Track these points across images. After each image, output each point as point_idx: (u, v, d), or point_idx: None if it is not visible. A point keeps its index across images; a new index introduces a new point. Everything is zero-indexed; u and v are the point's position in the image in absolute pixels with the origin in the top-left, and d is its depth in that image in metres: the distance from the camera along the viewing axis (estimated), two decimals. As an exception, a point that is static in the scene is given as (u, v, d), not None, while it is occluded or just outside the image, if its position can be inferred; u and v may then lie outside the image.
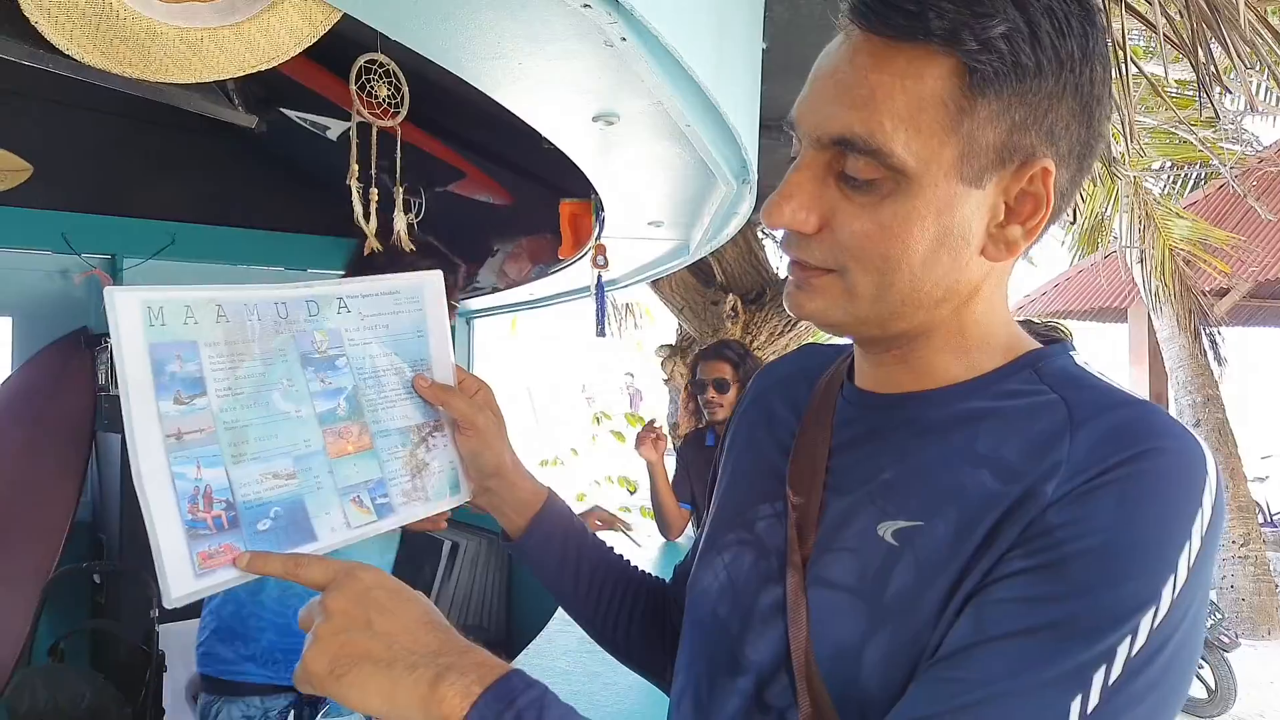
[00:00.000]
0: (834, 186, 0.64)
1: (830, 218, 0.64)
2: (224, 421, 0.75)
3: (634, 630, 0.98)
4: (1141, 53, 3.48)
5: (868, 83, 0.61)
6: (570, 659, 1.86)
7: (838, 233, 0.64)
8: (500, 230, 3.30)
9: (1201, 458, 0.59)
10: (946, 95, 0.60)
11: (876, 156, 0.61)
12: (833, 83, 0.63)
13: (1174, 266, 6.65)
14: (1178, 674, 0.56)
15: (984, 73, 0.59)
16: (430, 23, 1.06)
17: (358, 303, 0.86)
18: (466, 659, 0.64)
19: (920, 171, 0.61)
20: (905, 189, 0.61)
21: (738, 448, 0.88)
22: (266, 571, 0.73)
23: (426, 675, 0.63)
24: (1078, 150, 0.64)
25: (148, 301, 0.72)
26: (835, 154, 0.63)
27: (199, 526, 0.72)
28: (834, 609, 0.66)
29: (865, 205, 0.63)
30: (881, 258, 0.63)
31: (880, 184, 0.62)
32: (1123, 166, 2.21)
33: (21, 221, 3.43)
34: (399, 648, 0.64)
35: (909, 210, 0.62)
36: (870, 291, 0.65)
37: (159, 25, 0.93)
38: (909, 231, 0.62)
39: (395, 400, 0.88)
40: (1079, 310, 9.46)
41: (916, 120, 0.60)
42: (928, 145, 0.60)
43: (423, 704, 0.62)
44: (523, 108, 1.37)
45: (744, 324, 3.71)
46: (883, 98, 0.61)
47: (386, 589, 0.68)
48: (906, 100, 0.60)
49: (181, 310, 0.74)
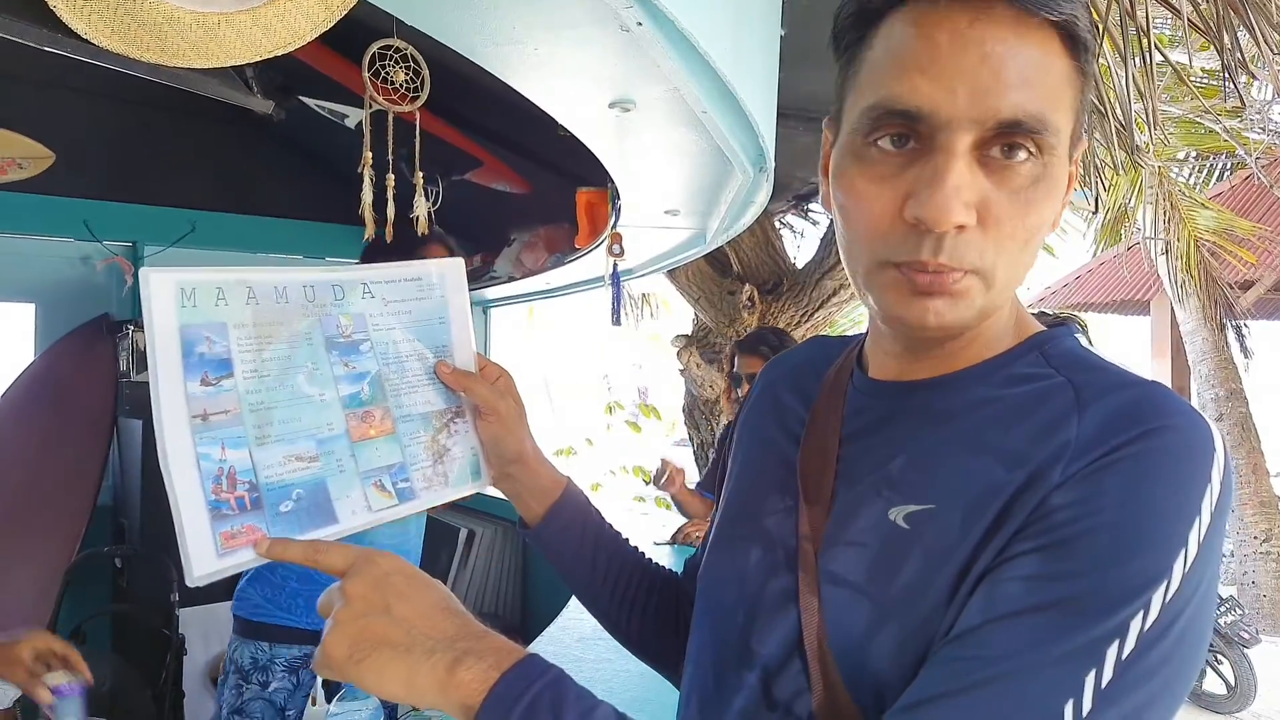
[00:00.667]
0: (981, 175, 0.60)
1: (983, 210, 0.60)
2: (249, 403, 0.76)
3: (647, 622, 0.98)
4: (1166, 40, 3.43)
5: (1021, 59, 0.58)
6: (584, 646, 1.87)
7: (990, 224, 0.61)
8: (517, 219, 3.30)
9: (1209, 434, 0.59)
10: (1071, 71, 0.60)
11: (1044, 135, 0.59)
12: (983, 63, 0.58)
13: (1199, 258, 6.57)
14: (1190, 649, 0.56)
15: (1088, 47, 0.60)
16: (445, 7, 1.05)
17: (381, 288, 0.87)
18: (483, 644, 0.65)
19: (1062, 151, 0.61)
20: (1048, 170, 0.60)
21: (747, 439, 0.88)
22: (286, 557, 0.73)
23: (444, 660, 0.63)
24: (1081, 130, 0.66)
25: (181, 283, 0.73)
26: (990, 137, 0.59)
27: (222, 507, 0.73)
28: (847, 595, 0.66)
29: (1017, 190, 0.60)
30: (1024, 244, 0.62)
31: (1028, 165, 0.60)
32: (1146, 155, 2.18)
33: (44, 209, 3.47)
34: (417, 633, 0.65)
35: (1048, 191, 0.61)
36: (1003, 284, 0.63)
37: (176, 10, 0.94)
38: (1044, 214, 0.61)
39: (418, 385, 0.89)
40: (1100, 303, 9.38)
41: (1061, 97, 0.60)
42: (1066, 121, 0.61)
43: (440, 688, 0.63)
44: (539, 94, 1.36)
45: (760, 314, 3.69)
46: (1039, 74, 0.58)
47: (404, 575, 0.69)
48: (1055, 77, 0.59)
49: (213, 292, 0.75)
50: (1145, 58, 1.72)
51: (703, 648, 0.80)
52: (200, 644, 3.47)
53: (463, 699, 0.62)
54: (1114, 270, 8.69)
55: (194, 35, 0.96)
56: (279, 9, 0.99)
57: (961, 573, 0.60)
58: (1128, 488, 0.56)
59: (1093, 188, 2.29)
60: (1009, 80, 0.58)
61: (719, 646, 0.77)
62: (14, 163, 3.32)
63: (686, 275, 3.90)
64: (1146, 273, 7.94)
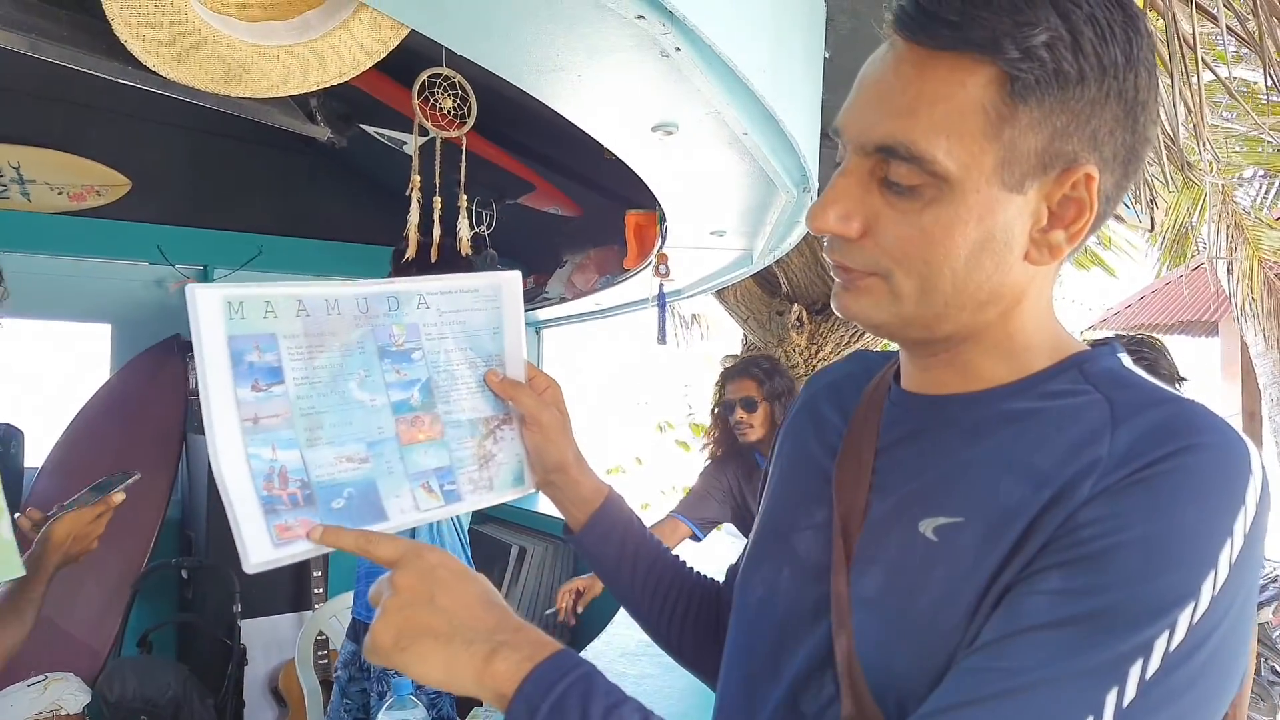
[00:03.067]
0: (877, 192, 0.65)
1: (873, 223, 0.66)
2: (300, 408, 0.79)
3: (688, 629, 0.99)
4: (1225, 57, 3.36)
5: (910, 91, 0.62)
6: (627, 660, 1.88)
7: (880, 238, 0.65)
8: (569, 241, 3.35)
9: (1245, 454, 0.58)
10: (988, 103, 0.61)
11: (918, 163, 0.62)
12: (876, 91, 0.65)
13: (1263, 279, 6.36)
14: (1219, 672, 0.56)
15: (1025, 81, 0.60)
16: (491, 36, 1.10)
17: (437, 299, 0.90)
18: (520, 636, 0.68)
19: (962, 177, 0.62)
20: (947, 195, 0.62)
21: (786, 452, 0.89)
22: (340, 545, 0.76)
23: (482, 650, 0.66)
24: (1123, 155, 0.64)
25: (228, 297, 0.76)
26: (878, 161, 0.64)
27: (275, 502, 0.76)
28: (876, 608, 0.67)
29: (908, 211, 0.64)
30: (924, 262, 0.64)
31: (922, 190, 0.63)
32: (1199, 172, 2.13)
33: (120, 234, 3.61)
34: (458, 623, 0.68)
35: (951, 216, 0.63)
36: (914, 295, 0.66)
37: (239, 43, 1.00)
38: (950, 237, 0.63)
39: (467, 393, 0.92)
40: (1165, 324, 9.10)
41: (958, 128, 0.61)
42: (969, 152, 0.61)
43: (477, 677, 0.66)
44: (583, 119, 1.40)
45: (810, 334, 3.67)
46: (925, 106, 0.62)
47: (450, 569, 0.72)
48: (948, 108, 0.61)
49: (261, 305, 0.78)
50: (1187, 69, 1.68)
51: (735, 658, 0.82)
52: (261, 655, 3.56)
53: (497, 688, 0.65)
54: (1179, 291, 8.45)
55: (254, 66, 1.02)
56: (334, 41, 1.05)
57: (987, 586, 0.60)
58: (1157, 505, 0.56)
59: (1145, 206, 2.25)
60: (892, 109, 0.63)
61: (750, 657, 0.79)
62: (93, 190, 3.48)
63: (735, 295, 3.90)
64: (1214, 293, 7.70)
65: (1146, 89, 0.63)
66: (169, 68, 1.00)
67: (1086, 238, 0.66)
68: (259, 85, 1.04)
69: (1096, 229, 0.67)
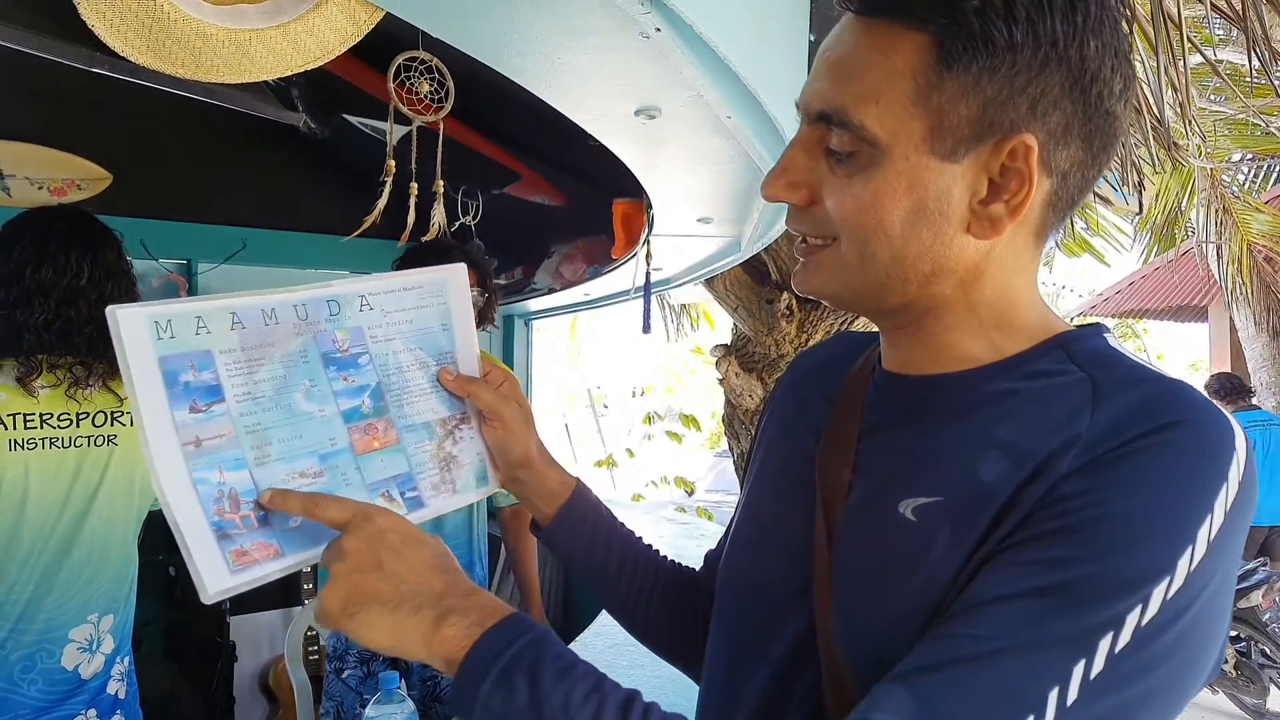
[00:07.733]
0: (822, 160, 0.67)
1: (818, 191, 0.67)
2: (245, 425, 0.76)
3: (663, 618, 0.99)
4: (1212, 40, 3.35)
5: (847, 60, 0.64)
6: (616, 652, 1.87)
7: (821, 204, 0.67)
8: (556, 231, 3.33)
9: (1229, 433, 0.57)
10: (915, 70, 0.61)
11: (849, 129, 0.63)
12: (823, 61, 0.67)
13: (1252, 263, 6.38)
14: (1192, 650, 0.55)
15: (952, 48, 0.60)
16: (467, 17, 1.08)
17: (380, 299, 0.86)
18: (469, 601, 0.67)
19: (890, 144, 0.62)
20: (879, 161, 0.63)
21: (770, 434, 0.88)
22: (286, 508, 0.75)
23: (430, 616, 0.66)
24: (1077, 128, 0.63)
25: (154, 316, 0.72)
26: (823, 130, 0.66)
27: (228, 527, 0.73)
28: (857, 589, 0.67)
29: (845, 178, 0.65)
30: (859, 227, 0.65)
31: (857, 157, 0.64)
32: (1191, 155, 2.12)
33: (102, 228, 3.58)
34: (406, 589, 0.67)
35: (881, 182, 0.63)
36: (855, 262, 0.67)
37: (208, 27, 0.98)
38: (881, 203, 0.64)
39: (421, 394, 0.89)
40: (1155, 309, 9.15)
41: (886, 93, 0.62)
42: (897, 118, 0.62)
43: (425, 643, 0.65)
44: (564, 103, 1.38)
45: (800, 322, 3.66)
46: (857, 73, 0.63)
47: (399, 532, 0.71)
48: (877, 75, 0.62)
49: (192, 321, 0.74)
50: (1173, 50, 1.66)
51: (718, 643, 0.81)
52: (250, 651, 3.54)
53: (446, 654, 0.64)
54: (1168, 276, 8.48)
55: (226, 51, 1.00)
56: (308, 24, 1.03)
57: (965, 563, 0.60)
58: (1136, 480, 0.56)
59: (1133, 188, 2.24)
60: (831, 78, 0.65)
61: (733, 642, 0.78)
62: (74, 184, 3.45)
63: (724, 284, 3.88)
64: (1204, 278, 7.73)
65: (1098, 60, 0.61)
66: (137, 53, 0.98)
67: (1060, 214, 0.66)
68: (231, 71, 1.02)
69: (1068, 211, 0.67)
